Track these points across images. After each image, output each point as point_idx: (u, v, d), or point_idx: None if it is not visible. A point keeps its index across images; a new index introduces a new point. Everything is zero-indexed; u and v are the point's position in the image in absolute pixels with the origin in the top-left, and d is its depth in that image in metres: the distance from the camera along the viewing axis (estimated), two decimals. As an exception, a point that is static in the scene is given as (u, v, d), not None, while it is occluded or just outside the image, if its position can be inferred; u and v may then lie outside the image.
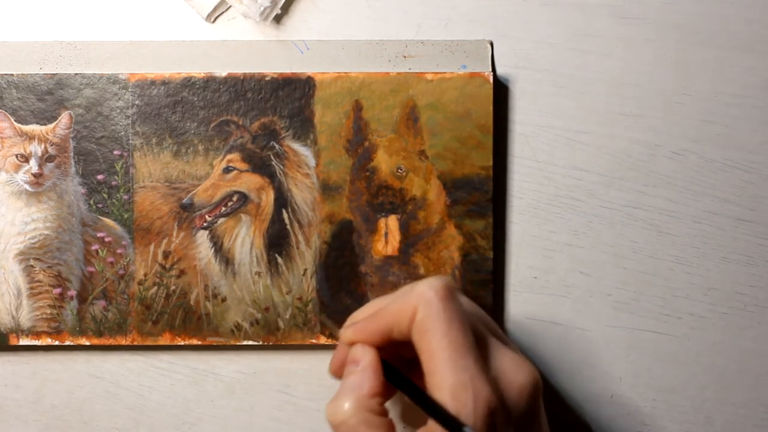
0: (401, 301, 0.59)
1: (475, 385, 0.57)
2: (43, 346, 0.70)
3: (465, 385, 0.56)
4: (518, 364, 0.60)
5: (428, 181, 0.69)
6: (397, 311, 0.59)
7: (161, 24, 0.71)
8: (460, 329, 0.58)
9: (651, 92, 0.71)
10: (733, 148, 0.71)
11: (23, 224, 0.69)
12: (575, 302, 0.71)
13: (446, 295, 0.59)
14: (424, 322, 0.58)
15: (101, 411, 0.71)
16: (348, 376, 0.60)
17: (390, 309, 0.60)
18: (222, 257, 0.69)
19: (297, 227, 0.69)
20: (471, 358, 0.57)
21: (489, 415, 0.56)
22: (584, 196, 0.71)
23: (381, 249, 0.69)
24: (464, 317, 0.59)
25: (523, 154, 0.71)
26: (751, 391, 0.72)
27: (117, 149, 0.69)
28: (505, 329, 0.71)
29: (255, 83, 0.68)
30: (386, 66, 0.70)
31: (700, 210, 0.71)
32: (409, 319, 0.59)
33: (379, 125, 0.69)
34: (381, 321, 0.60)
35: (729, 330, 0.72)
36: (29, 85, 0.69)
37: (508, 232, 0.71)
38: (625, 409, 0.72)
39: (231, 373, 0.71)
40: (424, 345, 0.58)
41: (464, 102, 0.69)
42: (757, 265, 0.71)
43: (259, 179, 0.69)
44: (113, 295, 0.69)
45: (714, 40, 0.71)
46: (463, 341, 0.58)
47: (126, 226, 0.69)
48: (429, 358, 0.58)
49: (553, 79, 0.71)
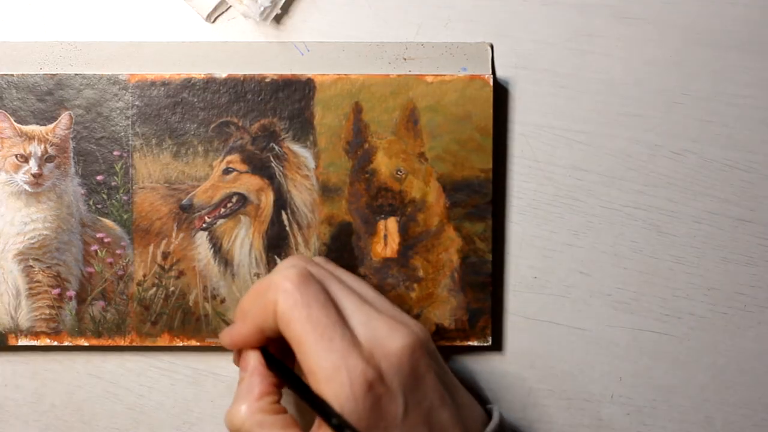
0: (263, 299, 0.60)
1: (348, 363, 0.57)
2: (42, 346, 0.70)
3: (336, 366, 0.57)
4: (391, 327, 0.60)
5: (428, 183, 0.69)
6: (262, 309, 0.60)
7: (161, 24, 0.70)
8: (322, 311, 0.58)
9: (651, 92, 0.71)
10: (733, 148, 0.71)
11: (22, 224, 0.69)
12: (575, 302, 0.71)
13: (301, 281, 0.59)
14: (286, 313, 0.59)
15: (101, 411, 0.71)
16: (240, 382, 0.62)
17: (255, 309, 0.60)
18: (221, 258, 0.69)
19: (296, 229, 0.69)
20: (337, 337, 0.58)
21: (369, 389, 0.57)
22: (584, 196, 0.71)
23: (380, 251, 0.69)
24: (324, 298, 0.59)
25: (523, 154, 0.71)
26: (751, 391, 0.72)
27: (117, 150, 0.69)
28: (505, 329, 0.71)
29: (255, 85, 0.68)
30: (386, 68, 0.70)
31: (700, 210, 0.71)
32: (273, 314, 0.59)
33: (379, 127, 0.69)
34: (250, 323, 0.61)
35: (729, 330, 0.72)
36: (29, 85, 0.69)
37: (508, 233, 0.71)
38: (625, 409, 0.72)
39: (231, 373, 0.71)
40: (290, 335, 0.59)
41: (464, 104, 0.68)
42: (757, 265, 0.71)
43: (258, 181, 0.69)
44: (112, 296, 0.69)
45: (714, 40, 0.71)
46: (326, 322, 0.58)
47: (125, 226, 0.69)
48: (298, 346, 0.58)
49: (553, 80, 0.71)
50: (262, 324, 0.60)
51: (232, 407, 0.60)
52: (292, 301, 0.59)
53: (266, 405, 0.60)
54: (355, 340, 0.58)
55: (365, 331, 0.59)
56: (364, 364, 0.57)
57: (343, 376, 0.57)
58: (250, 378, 0.61)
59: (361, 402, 0.56)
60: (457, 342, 0.70)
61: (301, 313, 0.58)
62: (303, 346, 0.58)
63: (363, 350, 0.58)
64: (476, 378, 0.71)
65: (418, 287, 0.69)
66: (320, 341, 0.57)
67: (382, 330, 0.59)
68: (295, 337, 0.58)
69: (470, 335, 0.70)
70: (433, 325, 0.69)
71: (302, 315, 0.58)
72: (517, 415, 0.71)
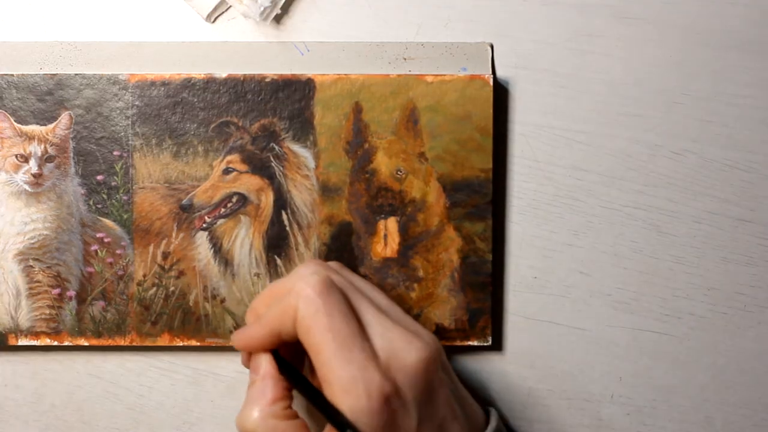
0: (283, 303, 0.59)
1: (365, 376, 0.57)
2: (42, 346, 0.70)
3: (355, 378, 0.57)
4: (407, 341, 0.59)
5: (428, 183, 0.69)
6: (280, 314, 0.59)
7: (161, 24, 0.70)
8: (343, 321, 0.58)
9: (651, 92, 0.71)
10: (733, 148, 0.71)
11: (22, 224, 0.69)
12: (575, 302, 0.71)
13: (324, 289, 0.59)
14: (306, 320, 0.58)
15: (101, 411, 0.71)
16: (251, 386, 0.61)
17: (273, 313, 0.60)
18: (221, 258, 0.69)
19: (296, 229, 0.69)
20: (357, 348, 0.58)
21: (384, 403, 0.57)
22: (584, 196, 0.71)
23: (380, 251, 0.69)
24: (345, 308, 0.59)
25: (523, 154, 0.71)
26: (751, 391, 0.72)
27: (117, 150, 0.69)
28: (505, 330, 0.71)
29: (255, 84, 0.68)
30: (386, 68, 0.70)
31: (700, 210, 0.71)
32: (292, 320, 0.59)
33: (379, 127, 0.69)
34: (266, 327, 0.60)
35: (729, 330, 0.72)
36: (29, 85, 0.69)
37: (508, 233, 0.71)
38: (625, 409, 0.72)
39: (231, 373, 0.71)
40: (309, 342, 0.58)
41: (464, 104, 0.68)
42: (757, 265, 0.71)
43: (258, 180, 0.69)
44: (112, 296, 0.69)
45: (714, 40, 0.71)
46: (347, 333, 0.58)
47: (125, 226, 0.69)
48: (316, 355, 0.58)
49: (553, 80, 0.71)
50: (279, 328, 0.60)
51: (243, 411, 0.60)
52: (313, 309, 0.58)
53: (279, 410, 0.59)
54: (374, 353, 0.58)
55: (382, 343, 0.59)
56: (381, 378, 0.57)
57: (360, 389, 0.56)
58: (263, 382, 0.60)
59: (377, 415, 0.56)
60: (457, 342, 0.70)
61: (323, 322, 0.58)
62: (322, 355, 0.58)
63: (380, 363, 0.58)
64: (476, 378, 0.71)
65: (418, 287, 0.69)
66: (339, 352, 0.57)
67: (398, 342, 0.59)
68: (314, 345, 0.58)
69: (470, 335, 0.70)
70: (433, 325, 0.69)
71: (323, 324, 0.58)
72: (517, 415, 0.71)
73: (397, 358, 0.59)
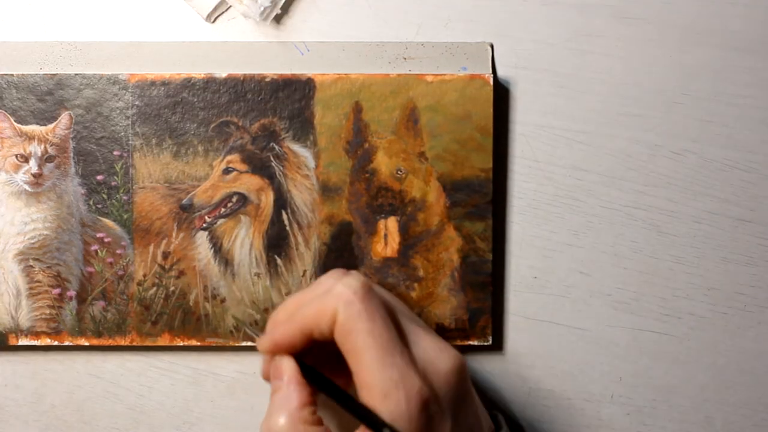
0: (319, 303, 0.59)
1: (406, 381, 0.57)
2: (43, 346, 0.70)
3: (395, 383, 0.56)
4: (441, 348, 0.60)
5: (428, 183, 0.69)
6: (316, 314, 0.59)
7: (161, 24, 0.71)
8: (384, 326, 0.58)
9: (651, 92, 0.71)
10: (733, 148, 0.71)
11: (23, 224, 0.69)
12: (575, 302, 0.71)
13: (365, 295, 0.59)
14: (347, 324, 0.58)
15: (101, 411, 0.71)
16: (276, 392, 0.60)
17: (307, 312, 0.59)
18: (221, 258, 0.69)
19: (296, 228, 0.69)
20: (397, 353, 0.57)
21: (424, 408, 0.57)
22: (584, 196, 0.71)
23: (380, 251, 0.69)
24: (385, 313, 0.59)
25: (523, 154, 0.71)
26: (751, 391, 0.72)
27: (117, 150, 0.69)
28: (505, 329, 0.71)
29: (255, 84, 0.68)
30: (386, 68, 0.70)
31: (700, 210, 0.71)
32: (330, 321, 0.58)
33: (379, 127, 0.69)
34: (299, 324, 0.60)
35: (729, 330, 0.72)
36: (29, 85, 0.69)
37: (508, 233, 0.71)
38: (625, 409, 0.72)
39: (231, 373, 0.71)
40: (349, 346, 0.58)
41: (464, 104, 0.68)
42: (757, 265, 0.71)
43: (258, 180, 0.69)
44: (112, 296, 0.69)
45: (714, 40, 0.71)
46: (388, 337, 0.58)
47: (125, 226, 0.69)
48: (356, 359, 0.58)
49: (553, 80, 0.71)
50: (312, 327, 0.59)
51: (269, 419, 0.59)
52: (355, 313, 0.58)
53: (307, 416, 0.59)
54: (412, 358, 0.58)
55: (417, 350, 0.59)
56: (420, 383, 0.57)
57: (400, 393, 0.56)
58: (288, 387, 0.59)
59: (416, 420, 0.56)
60: (458, 342, 0.70)
61: (365, 326, 0.58)
62: (362, 358, 0.57)
63: (418, 369, 0.58)
64: (476, 378, 0.71)
65: (418, 287, 0.69)
66: (381, 356, 0.57)
67: (432, 351, 0.59)
68: (354, 349, 0.58)
69: (470, 335, 0.70)
70: (433, 325, 0.69)
71: (365, 328, 0.58)
72: (517, 415, 0.71)
73: (432, 365, 0.59)
